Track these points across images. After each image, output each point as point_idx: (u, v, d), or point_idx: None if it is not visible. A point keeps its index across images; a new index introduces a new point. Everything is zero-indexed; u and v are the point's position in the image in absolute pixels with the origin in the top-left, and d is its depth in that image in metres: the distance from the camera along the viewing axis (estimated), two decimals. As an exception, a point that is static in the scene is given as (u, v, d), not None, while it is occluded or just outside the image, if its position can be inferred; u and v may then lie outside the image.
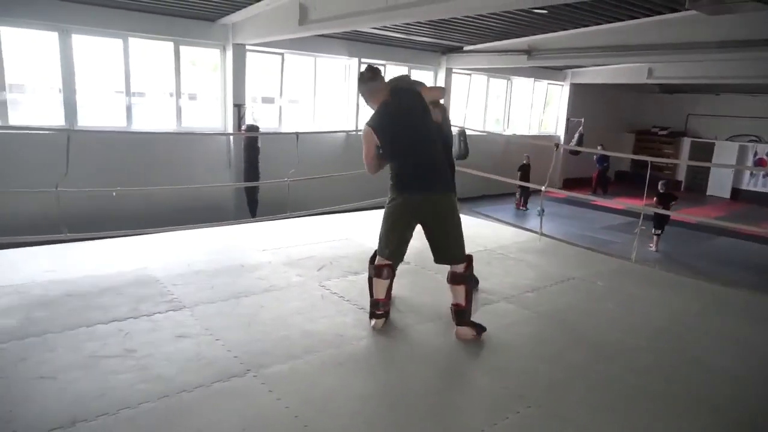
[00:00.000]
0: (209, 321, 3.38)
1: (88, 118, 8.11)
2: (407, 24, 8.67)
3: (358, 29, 8.63)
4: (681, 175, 17.20)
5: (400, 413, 2.55)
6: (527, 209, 12.92)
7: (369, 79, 3.26)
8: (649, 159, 5.81)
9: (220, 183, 9.09)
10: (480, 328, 3.31)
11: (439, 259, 3.28)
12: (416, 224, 3.26)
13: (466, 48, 11.51)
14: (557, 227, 9.57)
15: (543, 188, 5.81)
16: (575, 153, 13.50)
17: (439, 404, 2.64)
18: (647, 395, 2.81)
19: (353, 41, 10.37)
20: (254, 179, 8.93)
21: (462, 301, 3.26)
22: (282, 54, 9.79)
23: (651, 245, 9.52)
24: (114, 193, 5.36)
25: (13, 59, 7.44)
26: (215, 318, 3.44)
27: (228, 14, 8.27)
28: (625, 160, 17.12)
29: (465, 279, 3.26)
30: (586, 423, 2.55)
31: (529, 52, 10.21)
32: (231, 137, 9.30)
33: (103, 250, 4.68)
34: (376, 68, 3.35)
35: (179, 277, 4.10)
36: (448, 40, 10.69)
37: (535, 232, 5.94)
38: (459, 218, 3.26)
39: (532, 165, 12.32)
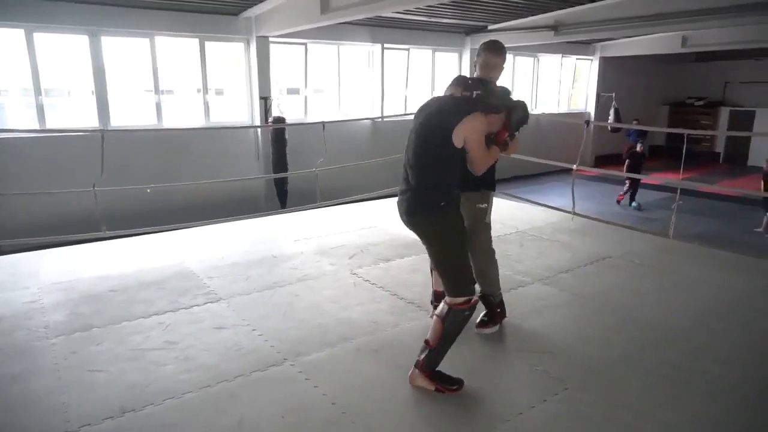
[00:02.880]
0: (246, 312, 3.45)
1: (120, 118, 8.31)
2: (430, 6, 8.54)
3: (380, 14, 8.54)
4: (719, 147, 16.55)
5: (437, 398, 2.56)
6: (638, 205, 10.29)
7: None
8: (685, 131, 5.61)
9: (250, 176, 9.20)
10: (448, 383, 2.58)
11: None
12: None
13: (491, 27, 11.27)
14: (591, 206, 9.36)
15: (574, 167, 5.68)
16: (616, 130, 13.08)
17: (477, 388, 2.64)
18: (699, 378, 2.74)
19: (376, 27, 10.28)
20: (283, 170, 9.01)
21: (430, 339, 2.55)
22: (305, 44, 9.79)
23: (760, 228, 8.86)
24: (148, 190, 5.49)
25: (48, 64, 7.66)
26: (251, 308, 3.51)
27: (251, 7, 8.31)
28: (658, 134, 16.58)
29: (444, 318, 2.52)
30: (635, 406, 2.51)
31: (555, 27, 9.93)
32: (259, 130, 9.39)
33: (141, 246, 4.82)
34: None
35: (215, 270, 4.19)
36: (472, 20, 10.49)
37: (568, 212, 5.83)
38: (448, 245, 2.56)
39: (563, 143, 12.02)
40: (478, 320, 3.24)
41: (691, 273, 4.22)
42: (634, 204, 7.56)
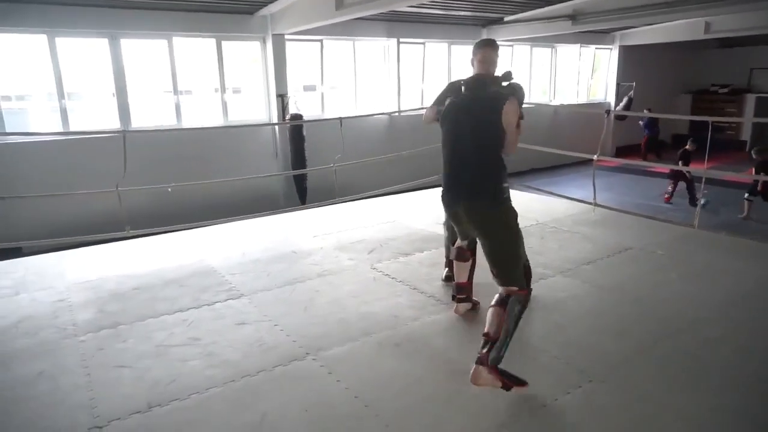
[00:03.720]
0: (267, 307, 3.48)
1: (140, 119, 8.44)
2: (445, -1, 8.49)
3: (395, 9, 8.51)
4: (746, 135, 16.15)
5: (459, 392, 2.55)
6: (706, 202, 8.45)
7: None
8: (708, 119, 5.47)
9: (269, 173, 9.27)
10: (512, 380, 2.48)
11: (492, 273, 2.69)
12: (466, 225, 2.80)
13: (507, 18, 11.14)
14: (612, 197, 9.21)
15: (594, 157, 5.60)
16: (622, 118, 12.87)
17: (499, 381, 2.62)
18: (721, 369, 2.70)
19: (391, 21, 10.25)
20: (301, 167, 9.06)
21: (491, 331, 2.48)
22: (321, 40, 9.80)
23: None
24: (169, 189, 5.56)
25: (70, 68, 7.80)
26: (273, 304, 3.54)
27: (266, 5, 8.35)
28: (681, 123, 16.23)
29: (505, 302, 2.52)
30: (658, 397, 2.48)
31: (573, 17, 9.78)
32: (276, 127, 9.45)
33: (164, 245, 4.89)
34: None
35: (236, 267, 4.23)
36: (488, 11, 10.38)
37: (589, 203, 5.75)
38: (506, 234, 2.62)
39: (582, 134, 11.84)
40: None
41: (715, 263, 4.14)
42: (702, 201, 6.67)
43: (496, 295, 2.59)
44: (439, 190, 2.91)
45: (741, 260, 4.20)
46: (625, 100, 13.41)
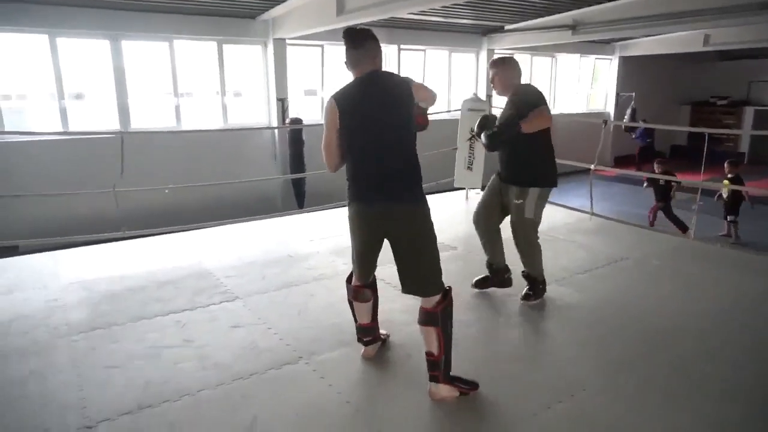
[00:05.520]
0: (262, 311, 3.48)
1: (140, 121, 8.45)
2: (446, 7, 8.53)
3: (396, 15, 8.56)
4: (744, 147, 16.21)
5: (448, 403, 2.55)
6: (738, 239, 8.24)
7: (353, 44, 2.47)
8: (705, 130, 5.50)
9: (267, 176, 9.28)
10: (467, 385, 2.53)
11: (405, 287, 2.56)
12: (377, 240, 2.61)
13: (508, 27, 11.21)
14: (608, 207, 9.23)
15: (592, 167, 5.62)
16: (631, 130, 12.92)
17: (491, 389, 2.62)
18: (717, 381, 2.69)
19: (391, 28, 10.30)
20: (300, 171, 9.07)
21: (434, 350, 2.44)
22: (322, 45, 9.85)
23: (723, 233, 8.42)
24: (166, 191, 5.56)
25: (70, 69, 7.82)
26: (267, 308, 3.53)
27: (267, 10, 8.40)
28: (680, 134, 16.29)
29: (436, 319, 2.44)
30: (651, 409, 2.47)
31: (574, 26, 9.82)
32: (276, 131, 9.48)
33: (159, 246, 4.89)
34: (370, 33, 2.50)
35: (232, 269, 4.23)
36: (489, 20, 10.44)
37: (586, 212, 5.76)
38: (432, 236, 2.52)
39: (580, 144, 11.83)
40: (523, 293, 3.57)
41: (710, 274, 4.14)
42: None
43: (421, 312, 2.48)
44: (433, 197, 2.91)
45: (737, 272, 4.21)
46: (629, 111, 13.45)
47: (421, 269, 2.50)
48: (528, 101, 3.27)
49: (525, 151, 3.35)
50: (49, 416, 2.41)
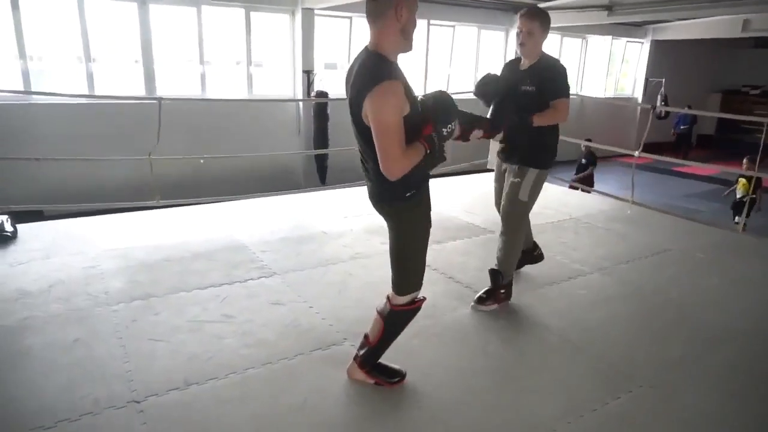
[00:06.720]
0: (301, 288, 3.41)
1: (165, 87, 8.33)
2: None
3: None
4: (774, 139, 15.80)
5: (503, 389, 2.48)
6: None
7: None
8: (739, 117, 5.27)
9: (290, 149, 9.16)
10: (387, 377, 2.46)
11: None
12: None
13: (541, 5, 10.87)
14: (643, 195, 9.03)
15: (636, 154, 5.47)
16: (664, 117, 12.59)
17: (534, 382, 2.55)
18: (760, 379, 2.61)
19: (422, 2, 10.01)
20: (324, 146, 8.95)
21: (371, 336, 2.40)
22: (350, 17, 9.61)
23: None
24: (201, 161, 5.49)
25: (97, 32, 7.69)
26: (306, 285, 3.47)
27: (298, -22, 8.18)
28: (708, 123, 15.89)
29: (388, 315, 2.34)
30: (706, 407, 2.39)
31: (609, 7, 9.50)
32: (300, 104, 9.32)
33: (192, 217, 4.82)
34: None
35: (266, 244, 4.16)
36: (522, -4, 10.13)
37: (624, 200, 5.62)
38: (406, 239, 2.35)
39: (608, 128, 11.58)
40: (477, 296, 3.23)
41: (760, 271, 4.01)
42: None
43: (384, 302, 2.39)
44: (470, 177, 2.76)
45: (784, 269, 4.08)
46: (660, 98, 13.10)
47: (391, 262, 2.37)
48: (555, 87, 2.94)
49: (530, 131, 3.01)
50: (97, 385, 2.37)
